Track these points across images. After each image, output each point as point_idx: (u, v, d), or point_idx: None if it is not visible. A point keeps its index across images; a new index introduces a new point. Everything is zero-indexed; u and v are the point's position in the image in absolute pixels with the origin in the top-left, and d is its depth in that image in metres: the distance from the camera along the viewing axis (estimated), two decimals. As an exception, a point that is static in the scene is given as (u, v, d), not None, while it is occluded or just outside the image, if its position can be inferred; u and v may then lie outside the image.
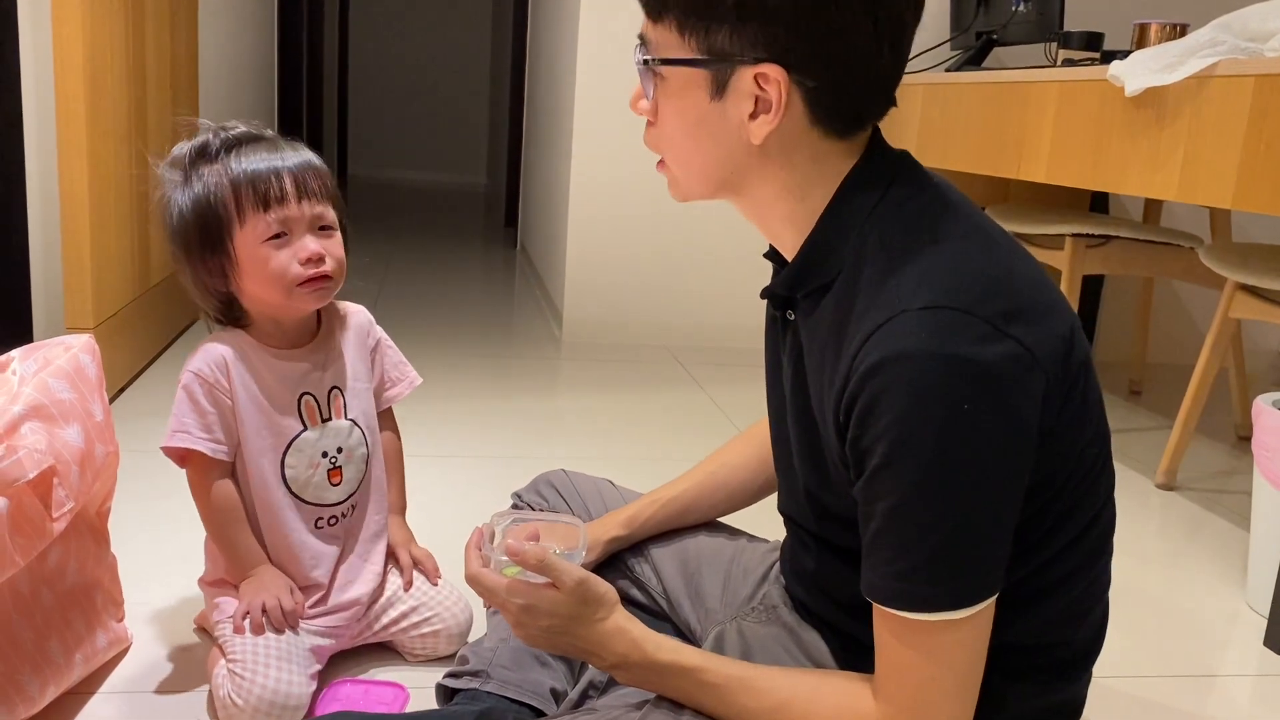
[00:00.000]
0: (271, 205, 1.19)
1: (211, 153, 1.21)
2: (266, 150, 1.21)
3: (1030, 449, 0.80)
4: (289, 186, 1.19)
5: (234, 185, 1.19)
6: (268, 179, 1.19)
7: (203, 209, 1.20)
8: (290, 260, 1.20)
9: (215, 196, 1.19)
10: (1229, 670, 1.52)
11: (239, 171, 1.19)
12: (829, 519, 0.95)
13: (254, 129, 1.25)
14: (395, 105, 7.85)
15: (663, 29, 0.88)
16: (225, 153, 1.21)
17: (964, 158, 2.55)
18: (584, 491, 1.30)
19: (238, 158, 1.20)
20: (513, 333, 3.34)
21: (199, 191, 1.20)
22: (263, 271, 1.20)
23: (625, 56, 2.96)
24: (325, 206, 1.23)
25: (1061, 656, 0.92)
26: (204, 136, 1.23)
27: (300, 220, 1.20)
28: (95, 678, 1.26)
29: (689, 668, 0.93)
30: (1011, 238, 0.89)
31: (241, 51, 3.74)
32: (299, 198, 1.20)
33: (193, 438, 1.21)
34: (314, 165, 1.23)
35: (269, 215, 1.19)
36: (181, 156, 1.23)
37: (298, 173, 1.20)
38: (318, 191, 1.22)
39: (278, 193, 1.19)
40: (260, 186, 1.18)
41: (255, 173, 1.19)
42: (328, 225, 1.23)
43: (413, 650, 1.35)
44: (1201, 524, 2.08)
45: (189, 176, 1.21)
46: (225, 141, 1.22)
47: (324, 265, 1.21)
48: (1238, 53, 1.74)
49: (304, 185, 1.20)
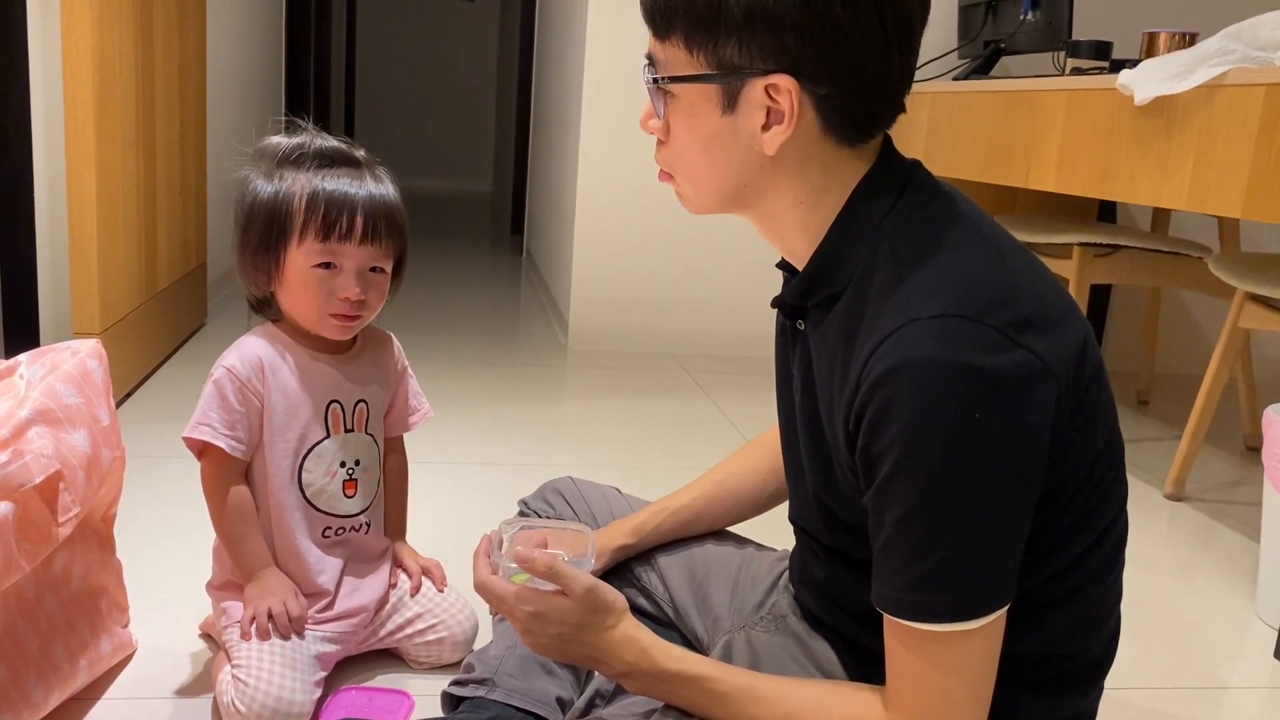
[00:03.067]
0: (332, 237, 1.19)
1: (303, 159, 1.22)
2: (351, 177, 1.21)
3: (1042, 458, 0.80)
4: (357, 226, 1.20)
5: (309, 201, 1.19)
6: (340, 209, 1.19)
7: (271, 210, 1.21)
8: (329, 294, 1.21)
9: (289, 204, 1.20)
10: (1239, 682, 1.51)
11: (318, 189, 1.19)
12: (839, 528, 0.94)
13: (347, 146, 1.25)
14: (402, 112, 7.86)
15: (670, 46, 0.88)
16: (315, 165, 1.22)
17: (972, 167, 2.54)
18: (591, 499, 1.30)
19: (323, 175, 1.21)
20: (519, 340, 3.33)
21: (279, 191, 1.21)
22: (301, 291, 1.21)
23: (633, 63, 2.96)
24: (385, 249, 1.23)
25: (1073, 668, 0.91)
26: (302, 138, 1.24)
27: (353, 259, 1.21)
28: (100, 683, 1.26)
29: (698, 676, 0.92)
30: (1023, 246, 0.89)
31: (249, 60, 3.75)
32: (361, 239, 1.20)
33: (214, 432, 1.22)
34: (389, 205, 1.23)
35: (326, 245, 1.20)
36: (275, 150, 1.23)
37: (369, 212, 1.20)
38: (382, 234, 1.22)
39: (344, 228, 1.19)
40: (330, 215, 1.19)
41: (331, 198, 1.19)
42: (379, 268, 1.24)
43: (418, 657, 1.35)
44: (1210, 535, 2.07)
45: (274, 172, 1.22)
46: (319, 152, 1.23)
47: (359, 309, 1.22)
48: (1248, 62, 1.74)
49: (372, 228, 1.21)
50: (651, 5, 0.88)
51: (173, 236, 2.71)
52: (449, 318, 3.50)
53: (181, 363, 2.67)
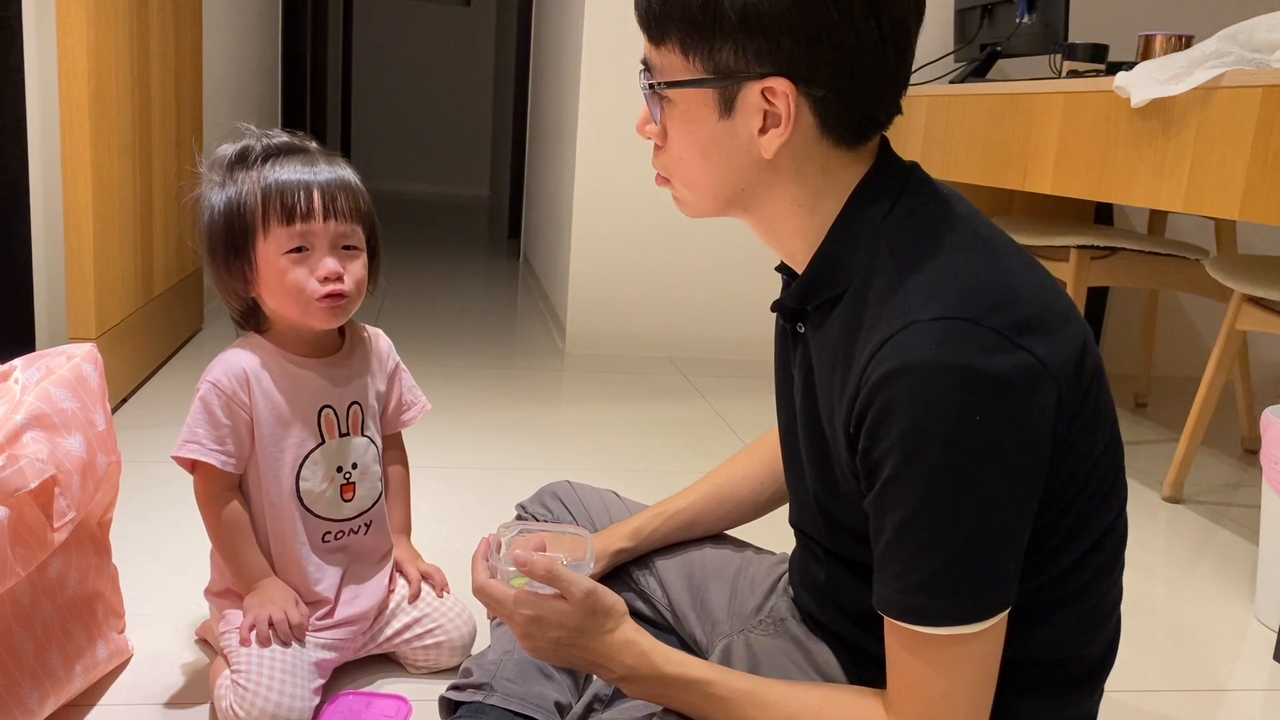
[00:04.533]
0: (295, 219, 1.19)
1: (250, 159, 1.22)
2: (302, 163, 1.22)
3: (1043, 460, 0.80)
4: (316, 203, 1.20)
5: (263, 194, 1.19)
6: (295, 192, 1.19)
7: (232, 214, 1.21)
8: (307, 276, 1.20)
9: (245, 203, 1.20)
10: (1238, 685, 1.51)
11: (270, 181, 1.20)
12: (840, 531, 0.94)
13: (297, 139, 1.26)
14: (398, 117, 7.86)
15: (666, 52, 0.87)
16: (263, 161, 1.22)
17: (969, 169, 2.54)
18: (589, 503, 1.30)
19: (273, 167, 1.21)
20: (516, 344, 3.33)
21: (231, 196, 1.21)
22: (280, 283, 1.20)
23: (629, 66, 2.96)
24: (351, 226, 1.23)
25: (1074, 671, 0.91)
26: (247, 141, 1.24)
27: (322, 237, 1.21)
28: (96, 690, 1.25)
29: (697, 680, 0.92)
30: (1022, 249, 0.89)
31: (245, 64, 3.74)
32: (324, 215, 1.20)
33: (203, 449, 1.21)
34: (347, 183, 1.23)
35: (291, 228, 1.19)
36: (222, 158, 1.24)
37: (327, 189, 1.21)
38: (345, 211, 1.22)
39: (304, 208, 1.19)
40: (287, 199, 1.19)
41: (284, 184, 1.19)
42: (352, 245, 1.23)
43: (415, 662, 1.34)
44: (1209, 537, 2.07)
45: (225, 179, 1.22)
46: (265, 149, 1.23)
47: (341, 284, 1.21)
48: (1244, 64, 1.74)
49: (331, 203, 1.21)
50: (646, 10, 0.88)
51: (168, 241, 2.70)
52: (446, 322, 3.50)
53: (178, 368, 2.67)
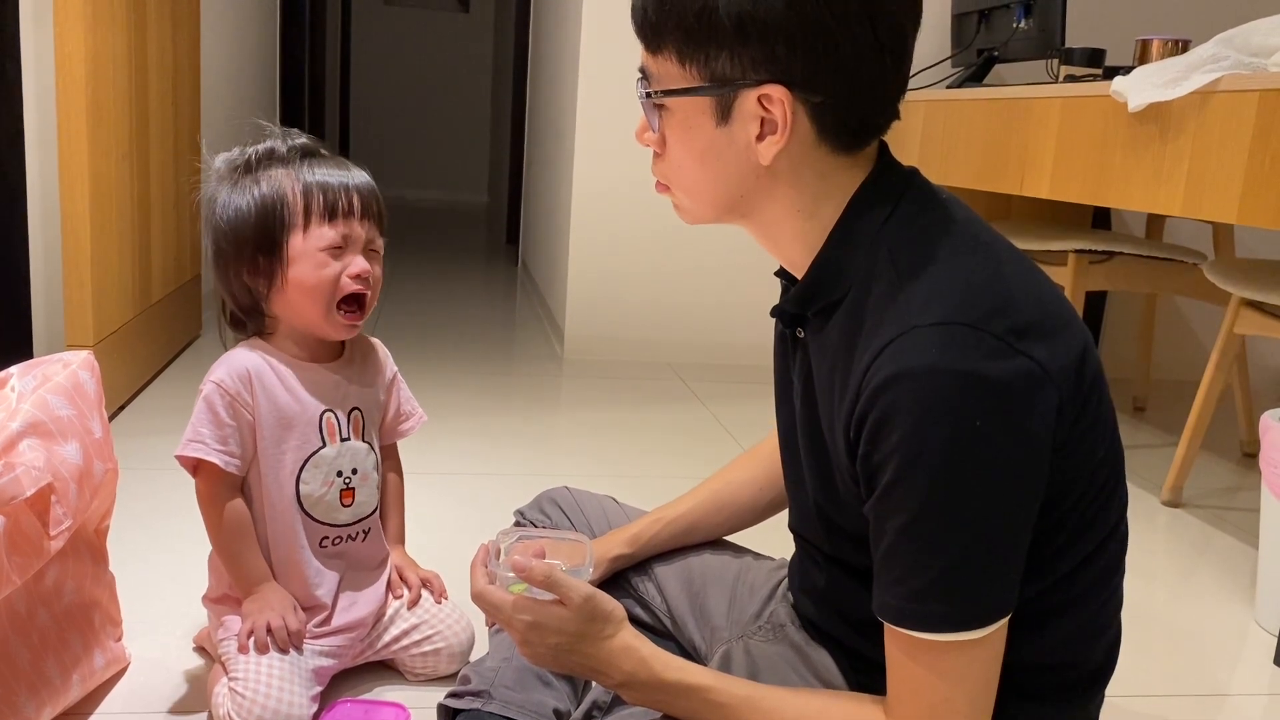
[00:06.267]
0: (338, 218, 1.22)
1: (281, 157, 1.24)
2: (336, 166, 1.26)
3: (1043, 466, 0.80)
4: (356, 204, 1.24)
5: (305, 191, 1.22)
6: (339, 192, 1.23)
7: (267, 209, 1.22)
8: (341, 273, 1.22)
9: (282, 199, 1.22)
10: (1238, 689, 1.51)
11: (311, 180, 1.23)
12: (840, 537, 0.94)
13: (311, 142, 1.28)
14: (397, 123, 7.87)
15: (662, 60, 0.88)
16: (298, 159, 1.24)
17: (966, 174, 2.54)
18: (587, 509, 1.29)
19: (310, 168, 1.24)
20: (514, 350, 3.33)
21: (265, 191, 1.22)
22: (312, 278, 1.22)
23: (627, 73, 2.96)
24: (377, 232, 1.27)
25: (1075, 676, 0.91)
26: (271, 142, 1.26)
27: (358, 240, 1.24)
28: (92, 698, 1.25)
29: (697, 687, 0.91)
30: (1022, 253, 0.88)
31: (244, 70, 3.75)
32: (362, 217, 1.24)
33: (207, 448, 1.21)
34: (375, 189, 1.28)
35: (334, 226, 1.22)
36: (246, 157, 1.25)
37: (362, 192, 1.25)
38: (376, 215, 1.26)
39: (346, 207, 1.23)
40: (330, 197, 1.22)
41: (326, 184, 1.23)
42: (376, 250, 1.27)
43: (414, 669, 1.34)
44: (1208, 541, 2.07)
45: (252, 176, 1.23)
46: (296, 149, 1.26)
47: (367, 285, 1.25)
48: (1241, 68, 1.74)
49: (368, 207, 1.25)
50: (643, 19, 0.88)
51: (167, 248, 2.70)
52: (444, 328, 3.50)
53: (176, 375, 2.66)
